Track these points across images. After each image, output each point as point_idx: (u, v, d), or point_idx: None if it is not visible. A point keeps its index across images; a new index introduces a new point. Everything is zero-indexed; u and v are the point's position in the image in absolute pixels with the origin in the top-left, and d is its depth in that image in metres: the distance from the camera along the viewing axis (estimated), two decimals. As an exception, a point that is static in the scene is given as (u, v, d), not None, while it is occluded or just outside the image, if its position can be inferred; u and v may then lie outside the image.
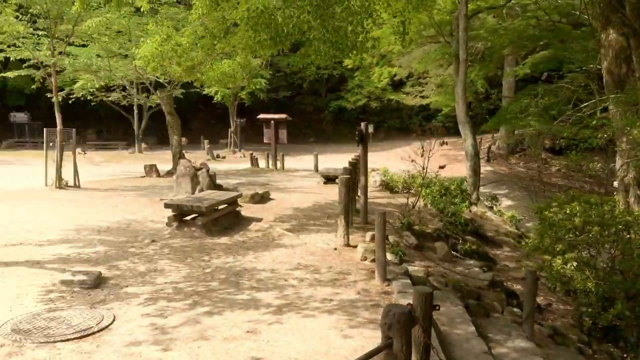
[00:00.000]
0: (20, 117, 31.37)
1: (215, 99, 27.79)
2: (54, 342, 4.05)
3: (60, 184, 12.67)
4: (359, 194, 10.46)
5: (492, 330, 5.85)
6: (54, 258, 6.56)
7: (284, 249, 7.51)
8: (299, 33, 5.56)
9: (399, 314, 2.56)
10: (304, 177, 17.96)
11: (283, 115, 21.26)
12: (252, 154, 22.00)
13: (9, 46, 12.74)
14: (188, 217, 8.51)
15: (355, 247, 7.40)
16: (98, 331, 4.27)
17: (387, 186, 14.12)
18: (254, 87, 22.73)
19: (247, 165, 22.06)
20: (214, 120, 38.96)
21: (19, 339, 4.06)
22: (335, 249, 7.43)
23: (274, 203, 11.58)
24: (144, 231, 8.34)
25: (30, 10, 11.87)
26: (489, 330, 5.83)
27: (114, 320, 4.53)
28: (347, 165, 10.23)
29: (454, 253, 8.78)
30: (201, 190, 11.42)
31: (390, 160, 21.56)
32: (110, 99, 22.73)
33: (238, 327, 4.49)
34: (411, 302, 2.93)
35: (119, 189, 13.60)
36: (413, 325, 2.64)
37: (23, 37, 12.35)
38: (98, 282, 5.57)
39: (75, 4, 6.83)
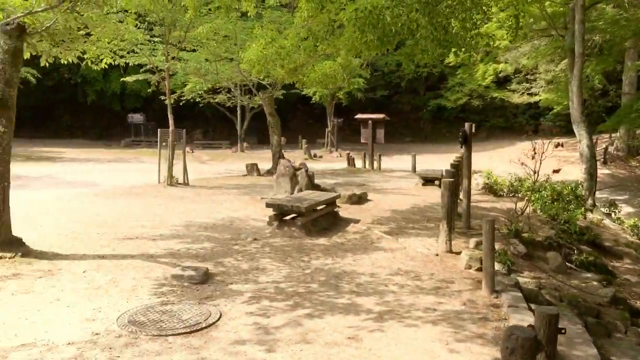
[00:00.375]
0: (136, 118, 34.06)
1: (313, 99, 28.24)
2: (166, 335, 4.24)
3: (171, 181, 13.51)
4: (460, 197, 10.02)
5: (616, 353, 5.29)
6: (166, 252, 6.94)
7: (383, 252, 7.36)
8: (408, 32, 5.39)
9: (523, 338, 2.32)
10: (401, 177, 17.64)
11: (381, 115, 21.06)
12: (348, 153, 22.04)
13: (128, 52, 13.79)
14: (288, 217, 8.64)
15: (458, 253, 7.06)
16: (206, 327, 4.42)
17: (491, 189, 13.41)
18: (352, 87, 22.75)
19: (343, 165, 22.15)
20: (311, 119, 39.64)
21: (135, 330, 4.31)
22: (437, 255, 7.14)
23: (372, 204, 11.45)
24: (246, 229, 8.60)
25: (147, 19, 12.79)
26: (612, 352, 5.28)
27: (220, 317, 4.67)
28: (447, 166, 9.82)
29: (568, 264, 8.08)
30: (300, 190, 11.58)
31: (494, 162, 20.52)
32: (216, 100, 23.89)
33: (339, 332, 4.42)
34: (532, 324, 2.67)
35: (223, 187, 14.22)
36: (539, 352, 2.39)
37: (141, 44, 13.33)
38: (205, 278, 5.80)
39: (188, 11, 7.19)
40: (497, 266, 6.26)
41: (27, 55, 6.71)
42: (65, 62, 7.82)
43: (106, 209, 10.16)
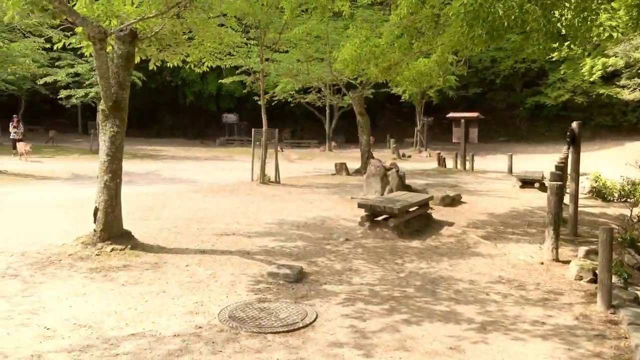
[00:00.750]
0: (230, 118, 35.51)
1: (402, 97, 27.77)
2: (265, 333, 4.29)
3: (264, 179, 13.88)
4: (565, 201, 9.32)
5: None
6: (261, 250, 7.09)
7: (481, 258, 7.00)
8: (520, 25, 5.04)
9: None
10: (496, 179, 16.84)
11: (474, 114, 20.24)
12: (439, 153, 21.42)
13: (225, 55, 14.35)
14: (379, 218, 8.51)
15: (566, 263, 6.55)
16: (303, 327, 4.42)
17: (599, 193, 12.39)
18: (446, 85, 22.07)
19: (433, 165, 21.57)
20: (399, 118, 39.10)
21: (235, 326, 4.40)
22: (542, 263, 6.67)
23: (466, 207, 11.00)
24: (337, 229, 8.59)
25: (244, 22, 13.21)
26: None
27: (316, 317, 4.65)
28: (545, 167, 9.18)
29: (695, 279, 7.20)
30: (391, 190, 11.40)
31: (600, 163, 18.96)
32: (306, 100, 24.25)
33: (439, 341, 4.23)
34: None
35: (313, 185, 14.37)
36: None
37: (237, 47, 13.81)
38: (300, 276, 5.83)
39: (285, 13, 7.29)
40: (612, 278, 5.72)
41: (137, 60, 7.14)
42: (171, 66, 8.27)
43: (204, 205, 10.62)
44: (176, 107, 39.49)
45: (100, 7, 5.81)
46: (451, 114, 20.82)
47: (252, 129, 14.62)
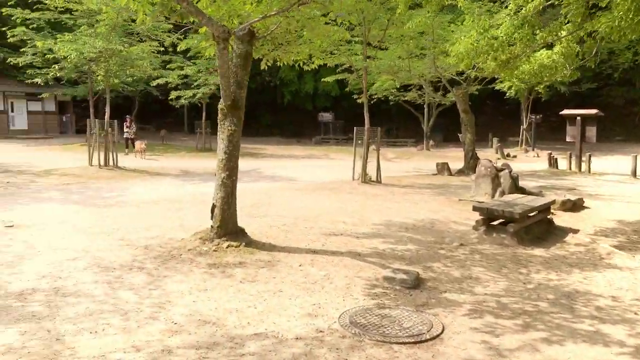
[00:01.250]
0: (326, 117, 35.75)
1: (507, 94, 26.26)
2: (390, 342, 4.06)
3: (365, 178, 13.67)
4: None
5: None
6: (372, 252, 6.87)
7: (619, 271, 6.27)
8: None
9: None
10: (618, 182, 15.32)
11: (593, 111, 18.59)
12: (550, 153, 19.94)
13: (328, 53, 14.30)
14: (495, 222, 7.96)
15: None
16: (430, 339, 4.13)
17: None
18: (570, 79, 20.43)
19: (542, 165, 20.14)
20: (501, 116, 37.20)
21: (358, 332, 4.21)
22: (697, 280, 5.82)
23: (590, 212, 10.04)
24: (449, 232, 8.16)
25: (348, 19, 13.03)
26: None
27: (443, 329, 4.34)
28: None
29: None
30: (502, 193, 10.70)
31: None
32: (405, 98, 23.69)
33: (589, 366, 3.75)
34: None
35: (415, 185, 13.93)
36: None
37: (340, 45, 13.70)
38: (417, 282, 5.54)
39: (399, 6, 7.02)
40: None
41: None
42: (281, 64, 8.31)
43: (308, 203, 10.62)
44: (274, 107, 40.54)
45: (224, 7, 5.90)
46: (565, 111, 19.30)
47: (354, 128, 14.45)
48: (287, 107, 38.90)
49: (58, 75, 18.66)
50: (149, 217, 8.74)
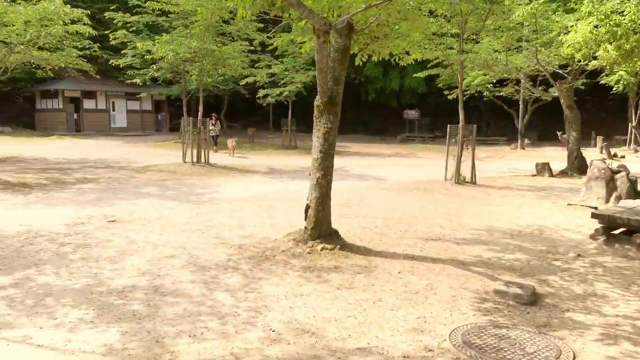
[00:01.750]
0: (411, 114, 34.87)
1: (614, 89, 24.03)
2: (513, 370, 3.57)
3: (459, 179, 12.95)
4: None
5: None
6: (476, 260, 6.32)
7: None
8: None
9: None
10: None
11: None
12: (667, 154, 17.92)
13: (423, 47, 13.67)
14: (617, 231, 7.08)
15: None
16: (561, 369, 3.59)
17: None
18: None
19: (658, 167, 18.15)
20: (604, 113, 34.32)
21: (474, 355, 3.75)
22: None
23: None
24: (561, 241, 7.38)
25: (442, 11, 12.38)
26: None
27: (574, 358, 3.77)
28: None
29: None
30: (618, 198, 9.62)
31: None
32: (501, 93, 22.37)
33: None
34: None
35: (514, 187, 12.99)
36: None
37: (433, 38, 13.06)
38: (534, 298, 4.94)
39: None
40: None
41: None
42: (368, 61, 7.94)
43: (400, 204, 10.17)
44: (358, 104, 40.19)
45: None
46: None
47: (448, 125, 13.74)
48: (370, 104, 38.37)
49: (155, 75, 19.54)
50: (241, 215, 8.72)
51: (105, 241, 6.75)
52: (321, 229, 6.35)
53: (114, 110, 33.96)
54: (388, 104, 37.32)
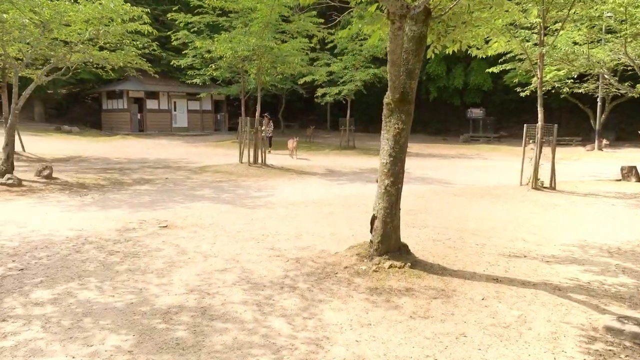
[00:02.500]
0: (476, 112, 33.20)
1: None
2: None
3: (537, 184, 11.77)
4: None
5: None
6: (574, 285, 5.35)
7: None
8: None
9: None
10: None
11: None
12: None
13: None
14: None
15: None
16: None
17: None
18: None
19: None
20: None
21: None
22: None
23: None
24: (673, 262, 6.23)
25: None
26: None
27: None
28: None
29: None
30: None
31: None
32: (580, 90, 20.57)
33: None
34: None
35: (600, 194, 11.65)
36: None
37: (509, 29, 11.91)
38: (659, 341, 3.97)
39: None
40: None
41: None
42: (449, 52, 7.07)
43: (472, 212, 9.22)
44: (417, 102, 38.63)
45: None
46: None
47: (524, 125, 12.54)
48: (430, 102, 36.90)
49: (214, 75, 19.37)
50: (298, 222, 8.09)
51: (154, 250, 6.30)
52: (389, 243, 5.59)
53: (175, 110, 34.51)
54: (450, 102, 35.75)
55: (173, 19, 16.37)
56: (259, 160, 16.11)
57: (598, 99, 25.19)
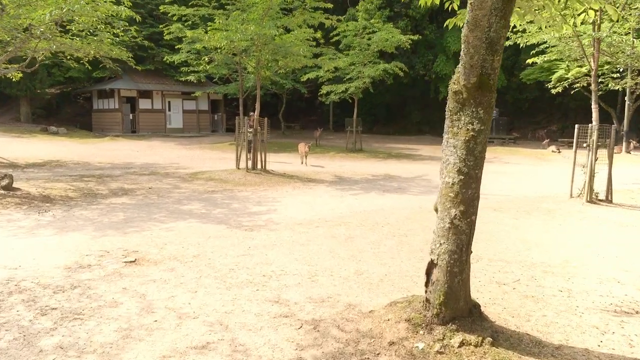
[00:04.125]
0: (489, 112, 31.27)
1: None
2: None
3: (591, 196, 9.87)
4: None
5: None
6: None
7: None
8: None
9: None
10: None
11: None
12: None
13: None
14: None
15: None
16: None
17: None
18: None
19: None
20: None
21: None
22: None
23: None
24: None
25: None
26: None
27: None
28: None
29: None
30: None
31: None
32: (617, 87, 18.61)
33: None
34: None
35: (666, 208, 9.75)
36: None
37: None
38: None
39: None
40: None
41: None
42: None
43: (527, 235, 7.31)
44: (424, 102, 36.95)
45: None
46: None
47: (576, 125, 10.62)
48: (438, 102, 34.92)
49: (208, 69, 17.50)
50: (309, 253, 6.18)
51: (108, 305, 4.38)
52: (456, 305, 3.68)
53: (169, 110, 32.56)
54: (460, 102, 33.80)
55: (165, 12, 14.47)
56: (259, 166, 14.21)
57: (626, 98, 23.29)
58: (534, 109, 33.96)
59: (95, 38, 10.51)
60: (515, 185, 13.15)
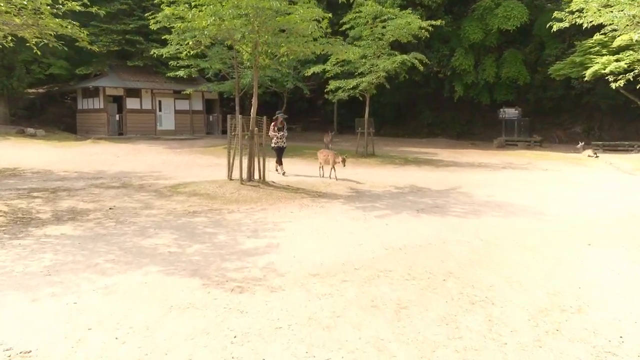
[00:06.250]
0: (509, 113, 28.53)
1: None
2: None
3: None
4: None
5: None
6: None
7: None
8: None
9: None
10: None
11: None
12: None
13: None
14: None
15: None
16: None
17: None
18: None
19: None
20: None
21: None
22: None
23: None
24: None
25: None
26: None
27: None
28: None
29: None
30: None
31: None
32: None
33: None
34: None
35: None
36: None
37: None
38: None
39: None
40: None
41: None
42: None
43: (615, 275, 4.57)
44: (437, 102, 34.17)
45: None
46: None
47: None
48: (453, 103, 32.13)
49: (199, 63, 14.71)
50: (340, 349, 3.42)
51: None
52: None
53: (160, 110, 29.79)
54: (477, 100, 30.96)
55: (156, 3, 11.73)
56: (256, 176, 11.46)
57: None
58: (557, 109, 31.15)
59: (28, 5, 7.74)
60: (582, 201, 10.40)
